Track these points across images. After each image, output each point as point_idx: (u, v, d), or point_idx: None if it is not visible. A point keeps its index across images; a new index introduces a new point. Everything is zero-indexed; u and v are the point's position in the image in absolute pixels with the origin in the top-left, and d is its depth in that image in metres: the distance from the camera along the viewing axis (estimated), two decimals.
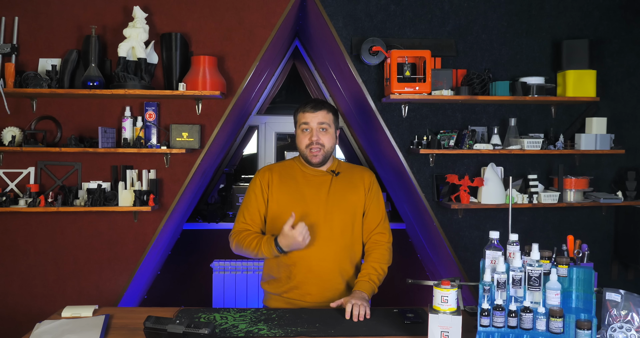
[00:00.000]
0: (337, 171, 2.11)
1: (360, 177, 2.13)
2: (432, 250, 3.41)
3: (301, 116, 2.05)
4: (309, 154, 2.03)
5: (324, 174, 2.10)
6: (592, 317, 1.52)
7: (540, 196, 2.82)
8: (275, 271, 2.07)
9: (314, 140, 2.01)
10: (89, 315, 1.88)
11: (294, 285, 2.02)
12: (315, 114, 2.02)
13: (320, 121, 2.02)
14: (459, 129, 2.89)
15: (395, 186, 3.47)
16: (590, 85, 2.80)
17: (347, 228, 2.06)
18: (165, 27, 2.76)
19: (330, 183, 2.08)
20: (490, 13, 2.89)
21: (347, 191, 2.08)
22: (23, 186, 2.74)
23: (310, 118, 2.02)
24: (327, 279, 2.01)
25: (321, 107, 2.04)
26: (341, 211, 2.05)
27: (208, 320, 1.83)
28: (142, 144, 2.71)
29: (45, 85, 2.59)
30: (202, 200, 3.94)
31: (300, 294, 2.02)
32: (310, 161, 2.05)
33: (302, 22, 3.35)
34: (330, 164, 2.12)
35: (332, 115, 2.07)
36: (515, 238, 1.66)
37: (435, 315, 1.55)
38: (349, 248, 2.06)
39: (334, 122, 2.08)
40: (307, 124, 2.03)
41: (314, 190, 2.06)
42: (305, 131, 2.04)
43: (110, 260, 2.81)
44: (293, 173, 2.11)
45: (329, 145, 2.05)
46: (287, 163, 2.16)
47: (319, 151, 2.03)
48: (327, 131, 2.04)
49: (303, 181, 2.08)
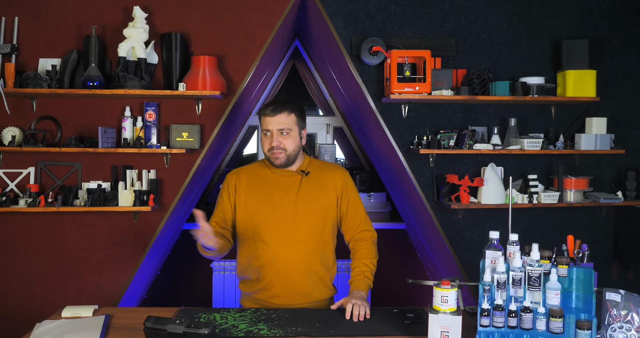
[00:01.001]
0: (307, 171, 2.06)
1: (332, 177, 2.08)
2: (432, 250, 3.41)
3: (262, 120, 2.00)
4: (272, 157, 2.00)
5: (293, 174, 2.06)
6: (592, 317, 1.52)
7: (540, 196, 2.82)
8: (246, 272, 2.06)
9: (275, 145, 1.97)
10: (89, 315, 1.88)
11: (262, 286, 2.01)
12: (275, 118, 1.97)
13: (279, 126, 1.96)
14: (459, 129, 2.89)
15: (395, 186, 3.47)
16: (590, 85, 2.80)
17: (317, 229, 2.02)
18: (165, 27, 2.76)
19: (300, 184, 2.03)
20: (490, 13, 2.89)
21: (317, 192, 2.04)
22: (23, 186, 2.74)
23: (269, 123, 1.97)
24: (295, 281, 1.99)
25: (281, 109, 1.97)
26: (310, 212, 2.01)
27: (208, 320, 1.83)
28: (142, 144, 2.71)
29: (45, 85, 2.59)
30: (202, 200, 3.94)
31: (268, 296, 2.01)
32: (273, 164, 2.02)
33: (302, 22, 3.35)
34: (300, 164, 2.08)
35: (295, 116, 2.00)
36: (515, 238, 1.66)
37: (435, 315, 1.55)
38: (319, 249, 2.04)
39: (296, 123, 2.01)
40: (268, 129, 1.98)
41: (282, 192, 2.02)
42: (266, 134, 2.00)
43: (110, 260, 2.81)
44: (262, 174, 2.07)
45: (292, 148, 1.99)
46: (256, 165, 2.13)
47: (280, 154, 1.98)
48: (288, 134, 1.98)
49: (271, 182, 2.05)
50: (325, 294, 2.08)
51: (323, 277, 2.06)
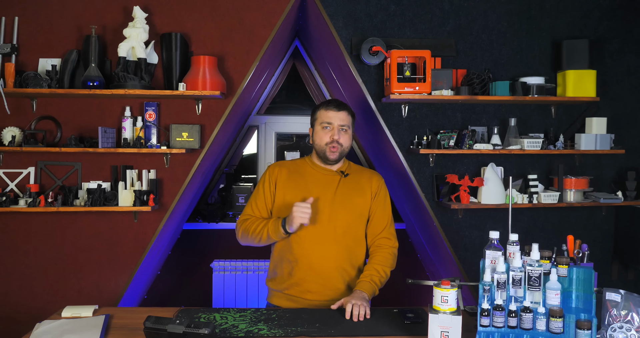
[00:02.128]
0: (346, 172, 2.14)
1: (368, 180, 2.15)
2: (432, 250, 3.40)
3: (324, 113, 2.08)
4: (328, 150, 2.06)
5: (333, 174, 2.13)
6: (592, 317, 1.52)
7: (540, 196, 2.82)
8: (279, 267, 2.09)
9: (335, 138, 2.05)
10: (89, 315, 1.88)
11: (294, 281, 2.04)
12: (338, 113, 2.07)
13: (342, 121, 2.07)
14: (459, 129, 2.89)
15: (395, 186, 3.47)
16: (590, 85, 2.80)
17: (351, 229, 2.07)
18: (165, 27, 2.76)
19: (338, 184, 2.10)
20: (490, 13, 2.89)
21: (354, 193, 2.10)
22: (23, 186, 2.74)
23: (333, 117, 2.07)
24: (327, 277, 2.02)
25: (344, 107, 2.09)
26: (346, 212, 2.07)
27: (208, 320, 1.83)
28: (142, 144, 2.71)
29: (45, 85, 2.59)
30: (202, 200, 3.94)
31: (301, 291, 2.04)
32: (327, 157, 2.08)
33: (302, 22, 3.35)
34: (341, 165, 2.16)
35: (352, 117, 2.13)
36: (515, 238, 1.66)
37: (435, 315, 1.55)
38: (351, 249, 2.07)
39: (352, 124, 2.13)
40: (330, 123, 2.07)
41: (321, 189, 2.08)
42: (326, 128, 2.07)
43: (110, 260, 2.81)
44: (303, 170, 2.14)
45: (346, 145, 2.10)
46: (298, 161, 2.20)
47: (336, 149, 2.06)
48: (346, 132, 2.09)
49: (311, 179, 2.11)
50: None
51: (353, 277, 2.08)
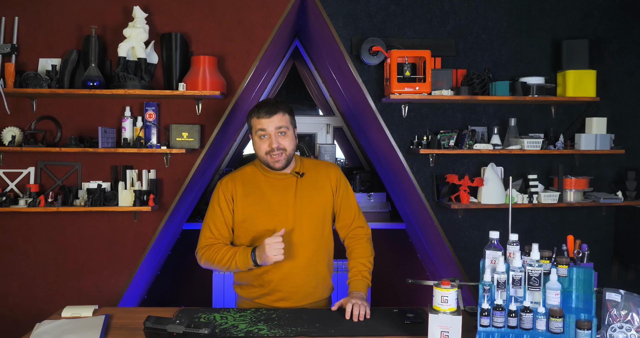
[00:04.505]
0: (301, 172, 2.02)
1: (325, 174, 2.06)
2: (432, 250, 3.41)
3: (256, 121, 1.94)
4: (271, 160, 1.94)
5: (288, 177, 2.02)
6: (592, 317, 1.52)
7: (540, 196, 2.82)
8: (248, 279, 2.03)
9: (274, 146, 1.92)
10: (89, 315, 1.88)
11: (266, 292, 2.00)
12: (271, 119, 1.91)
13: (277, 125, 1.92)
14: (459, 129, 2.89)
15: (395, 186, 3.47)
16: (590, 85, 2.80)
17: (318, 231, 2.02)
18: (165, 27, 2.76)
19: (296, 186, 2.00)
20: (490, 13, 2.89)
21: (314, 193, 2.02)
22: (23, 186, 2.74)
23: (266, 124, 1.92)
24: (301, 284, 1.99)
25: (275, 110, 1.92)
26: (310, 214, 2.00)
27: (208, 320, 1.83)
28: (142, 144, 2.71)
29: (45, 85, 2.59)
30: (202, 200, 3.94)
31: (273, 300, 2.00)
32: (272, 167, 1.96)
33: (302, 22, 3.35)
34: (294, 166, 2.04)
35: (289, 115, 1.97)
36: (515, 238, 1.66)
37: (435, 315, 1.55)
38: (322, 250, 2.04)
39: (291, 122, 1.98)
40: (264, 130, 1.92)
41: (280, 196, 1.99)
42: (263, 137, 1.94)
43: (110, 260, 2.81)
44: (256, 180, 2.02)
45: (290, 148, 1.96)
46: (248, 170, 2.06)
47: (280, 156, 1.93)
48: (286, 134, 1.94)
49: (267, 187, 2.00)
50: (327, 293, 2.10)
51: (326, 277, 2.07)
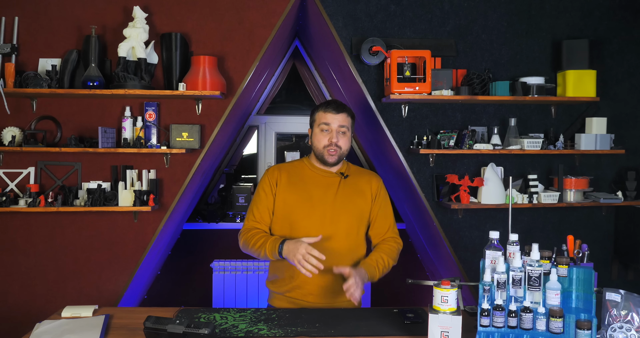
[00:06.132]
0: (346, 174, 2.12)
1: (367, 182, 2.14)
2: (432, 250, 3.40)
3: (322, 115, 2.06)
4: (326, 154, 2.05)
5: (333, 175, 2.11)
6: (592, 317, 1.52)
7: (540, 196, 2.82)
8: (280, 270, 2.08)
9: (334, 142, 2.04)
10: (89, 315, 1.88)
11: (296, 284, 2.03)
12: (337, 116, 2.05)
13: (341, 123, 2.05)
14: (459, 129, 2.89)
15: (395, 186, 3.47)
16: (590, 85, 2.80)
17: (352, 230, 2.07)
18: (165, 27, 2.76)
19: (339, 185, 2.09)
20: (490, 13, 2.89)
21: (354, 195, 2.09)
22: (23, 186, 2.73)
23: (331, 119, 2.04)
24: (329, 280, 2.01)
25: (343, 109, 2.07)
26: (348, 213, 2.06)
27: (208, 320, 1.83)
28: (142, 144, 2.71)
29: (45, 85, 2.59)
30: (202, 200, 3.94)
31: (303, 294, 2.03)
32: (326, 161, 2.06)
33: (302, 22, 3.35)
34: (340, 167, 2.14)
35: (351, 119, 2.10)
36: (515, 238, 1.66)
37: (435, 315, 1.55)
38: (353, 250, 2.07)
39: (351, 126, 2.11)
40: (328, 124, 2.04)
41: (321, 191, 2.07)
42: (324, 131, 2.05)
43: (110, 260, 2.81)
44: (302, 173, 2.12)
45: (345, 148, 2.08)
46: (296, 163, 2.17)
47: (335, 152, 2.05)
48: (345, 134, 2.07)
49: (311, 181, 2.10)
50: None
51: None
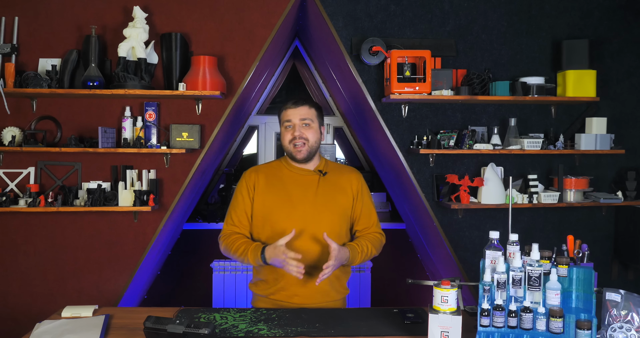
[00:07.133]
0: (324, 171, 2.08)
1: (347, 179, 2.10)
2: (432, 250, 3.40)
3: (283, 114, 2.05)
4: (293, 149, 2.02)
5: (311, 173, 2.07)
6: (592, 317, 1.52)
7: (540, 196, 2.82)
8: (262, 273, 2.05)
9: (297, 135, 2.00)
10: (89, 315, 1.88)
11: (281, 286, 2.00)
12: (297, 109, 2.02)
13: (302, 116, 2.01)
14: (459, 129, 2.89)
15: (395, 186, 3.47)
16: (590, 85, 2.80)
17: (335, 228, 2.03)
18: (165, 27, 2.76)
19: (318, 183, 2.05)
20: (490, 13, 2.89)
21: (335, 192, 2.06)
22: (23, 186, 2.74)
23: (292, 114, 2.02)
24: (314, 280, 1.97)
25: (302, 103, 2.04)
26: (329, 211, 2.03)
27: (208, 320, 1.83)
28: (142, 144, 2.71)
29: (45, 85, 2.59)
30: (202, 200, 3.94)
31: (287, 295, 2.00)
32: (294, 157, 2.03)
33: (302, 22, 3.35)
34: (318, 164, 2.10)
35: (315, 110, 2.06)
36: (515, 238, 1.66)
37: (435, 315, 1.55)
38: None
39: (317, 117, 2.06)
40: (290, 120, 2.02)
41: (300, 190, 2.03)
42: (288, 127, 2.03)
43: (110, 260, 2.81)
44: (279, 173, 2.08)
45: (313, 140, 2.03)
46: (273, 164, 2.14)
47: (302, 146, 2.01)
48: (310, 126, 2.02)
49: (289, 181, 2.05)
50: (341, 293, 2.09)
51: (339, 276, 2.06)
